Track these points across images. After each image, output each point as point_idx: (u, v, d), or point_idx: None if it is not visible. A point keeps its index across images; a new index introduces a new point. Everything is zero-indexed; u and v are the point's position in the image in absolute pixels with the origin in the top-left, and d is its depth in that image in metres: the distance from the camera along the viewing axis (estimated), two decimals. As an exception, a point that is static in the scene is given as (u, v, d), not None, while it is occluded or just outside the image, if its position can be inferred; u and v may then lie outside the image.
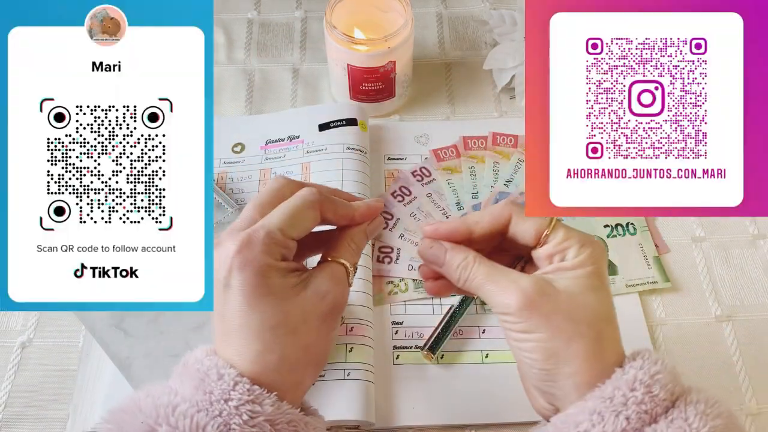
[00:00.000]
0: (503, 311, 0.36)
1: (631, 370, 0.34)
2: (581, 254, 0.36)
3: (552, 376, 0.35)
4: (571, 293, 0.36)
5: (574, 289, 0.36)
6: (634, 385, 0.33)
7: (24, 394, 0.52)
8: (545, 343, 0.35)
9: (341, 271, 0.38)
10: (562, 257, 0.37)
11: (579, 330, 0.35)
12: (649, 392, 0.33)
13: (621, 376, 0.34)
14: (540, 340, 0.35)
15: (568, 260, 0.37)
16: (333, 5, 0.63)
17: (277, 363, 0.35)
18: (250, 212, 0.38)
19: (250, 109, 0.69)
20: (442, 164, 0.64)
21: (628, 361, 0.35)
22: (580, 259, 0.36)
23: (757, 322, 0.55)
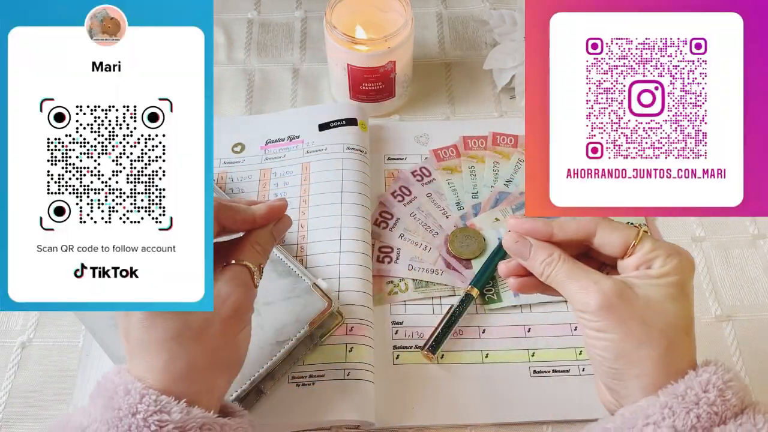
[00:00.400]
0: (582, 309, 0.37)
1: (705, 374, 0.35)
2: (667, 264, 0.37)
3: (620, 375, 0.37)
4: (649, 300, 0.36)
5: (653, 296, 0.37)
6: (707, 387, 0.35)
7: (24, 394, 0.52)
8: (617, 344, 0.36)
9: (244, 273, 0.39)
10: (648, 266, 0.38)
11: (651, 335, 0.36)
12: (721, 396, 0.34)
13: (694, 377, 0.35)
14: (612, 340, 0.36)
15: (653, 269, 0.37)
16: (333, 5, 0.63)
17: (184, 370, 0.36)
18: None
19: (250, 109, 0.69)
20: (442, 164, 0.64)
21: (702, 366, 0.36)
22: (665, 268, 0.37)
23: (757, 322, 0.55)
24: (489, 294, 0.56)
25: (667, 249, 0.38)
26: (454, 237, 0.59)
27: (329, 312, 0.49)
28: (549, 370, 0.52)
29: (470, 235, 0.59)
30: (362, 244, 0.56)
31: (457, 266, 0.57)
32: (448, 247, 0.58)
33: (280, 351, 0.47)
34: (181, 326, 0.36)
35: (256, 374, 0.47)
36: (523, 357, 0.52)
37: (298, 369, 0.50)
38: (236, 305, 0.38)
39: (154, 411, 0.34)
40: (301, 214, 0.58)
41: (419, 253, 0.58)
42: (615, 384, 0.38)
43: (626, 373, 0.36)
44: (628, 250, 0.38)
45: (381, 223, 0.60)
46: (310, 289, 0.50)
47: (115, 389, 0.35)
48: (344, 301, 0.53)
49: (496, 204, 0.61)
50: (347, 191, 0.58)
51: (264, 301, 0.50)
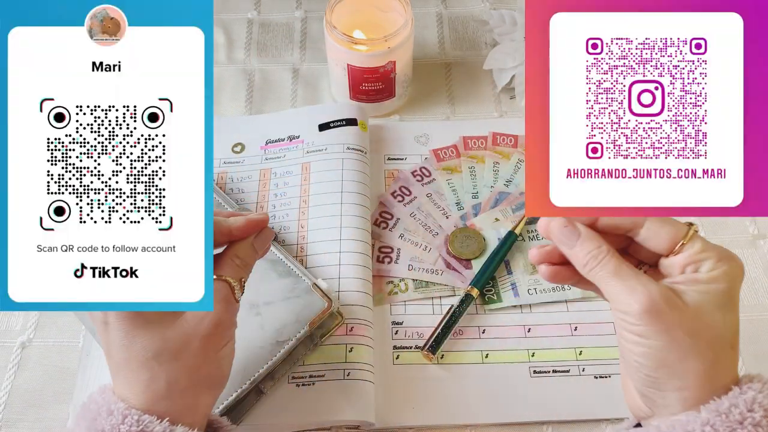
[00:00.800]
0: (624, 310, 0.35)
1: (750, 392, 0.33)
2: (717, 269, 0.35)
3: (658, 385, 0.35)
4: (698, 309, 0.34)
5: (702, 305, 0.34)
6: (753, 406, 0.33)
7: (24, 394, 0.52)
8: (659, 353, 0.34)
9: (223, 288, 0.38)
10: (696, 269, 0.35)
11: (698, 347, 0.34)
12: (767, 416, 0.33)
13: (739, 395, 0.33)
14: (655, 348, 0.34)
15: (702, 273, 0.35)
16: (333, 5, 0.63)
17: (165, 390, 0.36)
18: None
19: (250, 109, 0.69)
20: (442, 164, 0.64)
21: (745, 382, 0.34)
22: (715, 273, 0.35)
23: (757, 322, 0.55)
24: (489, 294, 0.56)
25: (718, 252, 0.35)
26: (454, 237, 0.59)
27: (329, 312, 0.49)
28: (549, 370, 0.52)
29: (470, 235, 0.59)
30: (362, 244, 0.56)
31: (457, 266, 0.57)
32: (448, 248, 0.58)
33: (280, 351, 0.47)
34: (160, 345, 0.36)
35: (256, 374, 0.47)
36: (523, 357, 0.52)
37: (298, 369, 0.50)
38: (216, 322, 0.37)
39: (136, 431, 0.34)
40: (301, 214, 0.58)
41: (419, 253, 0.58)
42: (651, 392, 0.35)
43: (666, 384, 0.34)
44: (675, 247, 0.36)
45: (381, 223, 0.60)
46: (310, 289, 0.50)
47: (99, 410, 0.35)
48: (344, 301, 0.53)
49: (496, 204, 0.61)
50: (347, 191, 0.58)
51: (264, 301, 0.50)
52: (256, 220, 0.41)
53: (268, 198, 0.60)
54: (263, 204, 0.60)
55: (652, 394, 0.35)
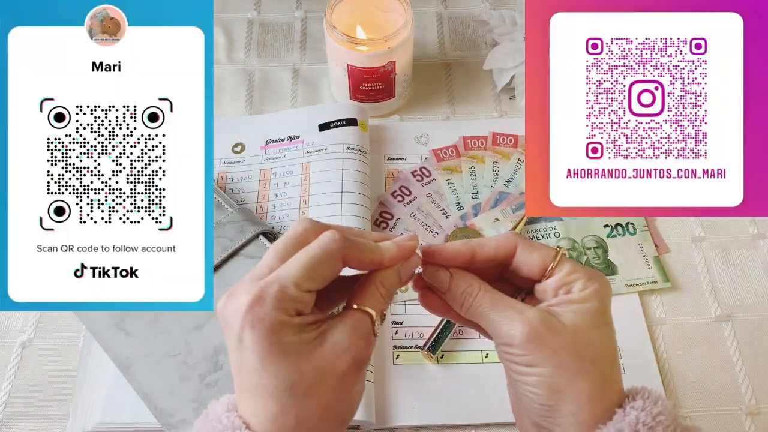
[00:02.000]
0: (507, 342, 0.35)
1: (633, 411, 0.34)
2: (587, 288, 0.35)
3: (553, 413, 0.34)
4: (577, 329, 0.34)
5: (580, 324, 0.35)
6: (637, 427, 0.33)
7: (24, 394, 0.52)
8: (549, 378, 0.34)
9: (365, 321, 0.35)
10: (568, 290, 0.36)
11: (584, 367, 0.34)
12: None
13: (623, 418, 0.33)
14: (544, 375, 0.34)
15: (574, 293, 0.35)
16: (333, 5, 0.63)
17: (294, 425, 0.33)
18: (270, 258, 0.35)
19: (250, 109, 0.69)
20: (442, 164, 0.64)
21: (629, 401, 0.34)
22: (586, 293, 0.35)
23: (757, 322, 0.55)
24: (489, 294, 0.55)
25: (587, 272, 0.36)
26: (454, 237, 0.59)
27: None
28: (549, 370, 0.52)
29: (470, 235, 0.59)
30: (362, 244, 0.56)
31: (457, 266, 0.57)
32: (448, 247, 0.58)
33: (280, 351, 0.47)
34: (296, 378, 0.32)
35: (256, 374, 0.47)
36: (523, 357, 0.52)
37: (298, 369, 0.50)
38: (355, 358, 0.34)
39: None
40: (301, 214, 0.58)
41: (419, 253, 0.58)
42: (548, 422, 0.35)
43: (560, 410, 0.34)
44: (546, 271, 0.36)
45: (381, 223, 0.60)
46: (310, 289, 0.50)
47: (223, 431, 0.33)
48: (344, 301, 0.53)
49: (496, 204, 0.61)
50: (347, 191, 0.58)
51: (264, 301, 0.50)
52: (406, 246, 0.38)
53: (268, 198, 0.60)
54: (263, 204, 0.60)
55: (548, 424, 0.35)
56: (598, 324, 0.35)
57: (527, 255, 0.37)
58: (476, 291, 0.36)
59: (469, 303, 0.37)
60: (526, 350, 0.34)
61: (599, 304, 0.35)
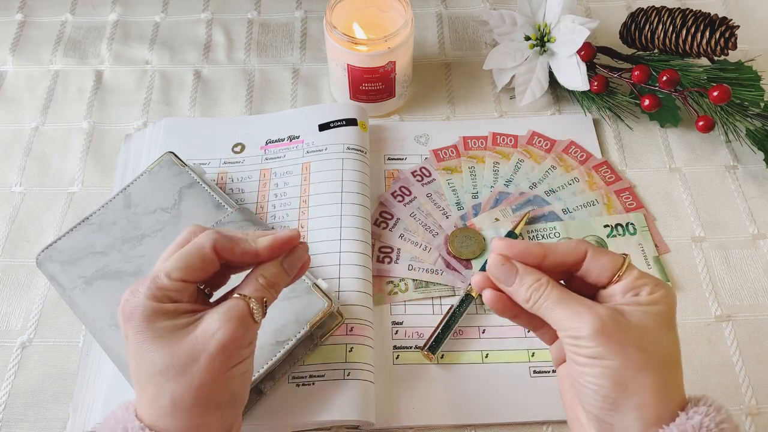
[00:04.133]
0: (575, 335, 0.35)
1: (696, 416, 0.34)
2: (656, 292, 0.36)
3: (616, 406, 0.35)
4: (644, 327, 0.35)
5: (647, 324, 0.35)
6: (700, 431, 0.33)
7: (24, 394, 0.52)
8: (616, 371, 0.34)
9: (239, 307, 0.37)
10: (636, 293, 0.36)
11: (650, 363, 0.34)
12: None
13: (686, 421, 0.34)
14: (610, 367, 0.34)
15: (642, 296, 0.36)
16: (333, 5, 0.63)
17: (170, 406, 0.35)
18: (157, 261, 0.38)
19: (250, 109, 0.69)
20: (442, 164, 0.64)
21: (692, 406, 0.35)
22: (655, 296, 0.36)
23: (757, 322, 0.55)
24: (489, 294, 0.55)
25: (654, 279, 0.37)
26: (454, 237, 0.59)
27: (329, 312, 0.49)
28: (549, 370, 0.52)
29: (470, 235, 0.59)
30: (362, 244, 0.56)
31: (457, 266, 0.57)
32: (448, 247, 0.58)
33: (280, 351, 0.47)
34: (168, 360, 0.35)
35: (256, 374, 0.47)
36: (523, 357, 0.52)
37: (298, 369, 0.50)
38: (225, 340, 0.35)
39: None
40: (301, 214, 0.58)
41: (419, 253, 0.58)
42: (609, 415, 0.35)
43: (624, 403, 0.34)
44: (614, 277, 0.37)
45: (381, 223, 0.60)
46: (310, 289, 0.50)
47: (115, 427, 0.35)
48: (344, 301, 0.53)
49: (496, 204, 0.61)
50: (347, 191, 0.58)
51: (264, 301, 0.50)
52: (282, 238, 0.39)
53: (268, 198, 0.60)
54: (263, 204, 0.60)
55: (609, 417, 0.35)
56: (664, 326, 0.36)
57: (597, 260, 0.37)
58: (544, 287, 0.37)
59: (536, 298, 0.37)
60: (595, 342, 0.34)
61: (666, 308, 0.36)
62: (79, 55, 0.74)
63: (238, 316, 0.36)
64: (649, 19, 0.67)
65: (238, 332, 0.36)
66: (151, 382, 0.35)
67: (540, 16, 0.67)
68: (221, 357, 0.35)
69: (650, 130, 0.67)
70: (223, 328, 0.35)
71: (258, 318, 0.37)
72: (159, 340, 0.35)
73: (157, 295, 0.36)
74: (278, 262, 0.40)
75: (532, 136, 0.66)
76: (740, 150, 0.65)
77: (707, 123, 0.62)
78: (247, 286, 0.38)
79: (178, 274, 0.36)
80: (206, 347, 0.35)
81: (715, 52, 0.65)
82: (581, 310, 0.35)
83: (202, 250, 0.37)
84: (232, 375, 0.36)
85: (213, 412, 0.36)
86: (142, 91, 0.71)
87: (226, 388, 0.36)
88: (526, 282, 0.37)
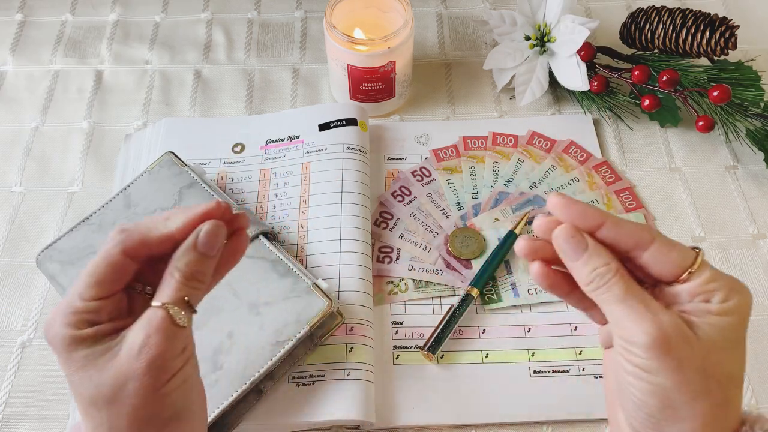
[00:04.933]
0: (629, 339, 0.31)
1: None
2: (729, 300, 0.32)
3: (660, 427, 0.32)
4: (712, 344, 0.31)
5: (715, 339, 0.31)
6: None
7: (24, 394, 0.52)
8: (667, 392, 0.31)
9: (158, 317, 0.33)
10: (706, 299, 0.32)
11: (708, 388, 0.31)
12: None
13: None
14: (662, 386, 0.31)
15: (713, 304, 0.32)
16: (333, 5, 0.63)
17: None
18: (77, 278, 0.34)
19: (250, 109, 0.69)
20: (442, 164, 0.64)
21: (745, 429, 0.32)
22: (727, 306, 0.31)
23: (757, 322, 0.55)
24: (489, 294, 0.56)
25: (729, 282, 0.32)
26: (454, 237, 0.59)
27: (329, 312, 0.49)
28: (549, 370, 0.52)
29: (470, 235, 0.59)
30: (362, 244, 0.56)
31: (457, 266, 0.57)
32: (448, 247, 0.58)
33: (280, 351, 0.47)
34: (93, 391, 0.32)
35: (256, 374, 0.47)
36: (523, 357, 0.52)
37: (298, 369, 0.50)
38: (150, 359, 0.32)
39: None
40: (301, 214, 0.58)
41: (419, 253, 0.58)
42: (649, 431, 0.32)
43: (669, 427, 0.31)
44: (682, 275, 0.32)
45: (381, 223, 0.60)
46: (310, 289, 0.50)
47: None
48: (344, 301, 0.53)
49: (496, 204, 0.61)
50: (347, 191, 0.58)
51: (264, 301, 0.50)
52: (198, 213, 0.34)
53: (268, 198, 0.60)
54: (263, 204, 0.60)
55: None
56: (733, 342, 0.32)
57: (665, 253, 0.32)
58: (612, 274, 0.32)
59: (600, 284, 0.32)
60: (650, 355, 0.30)
61: (739, 320, 0.32)
62: (79, 55, 0.74)
63: (160, 328, 0.32)
64: (649, 19, 0.67)
65: (162, 346, 0.32)
66: (87, 414, 0.33)
67: (540, 16, 0.67)
68: (149, 377, 0.32)
69: (650, 130, 0.67)
70: (146, 347, 0.32)
71: (183, 322, 0.33)
72: (83, 370, 0.32)
73: (73, 321, 0.32)
74: (191, 247, 0.34)
75: (532, 136, 0.66)
76: (740, 150, 0.65)
77: (707, 123, 0.62)
78: (163, 289, 0.34)
79: (90, 293, 0.33)
80: (131, 371, 0.32)
81: (715, 52, 0.65)
82: (643, 313, 0.31)
83: (110, 258, 0.33)
84: (169, 390, 0.33)
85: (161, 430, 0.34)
86: (142, 91, 0.71)
87: (165, 404, 0.33)
88: (593, 263, 0.32)
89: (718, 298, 0.32)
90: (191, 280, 0.34)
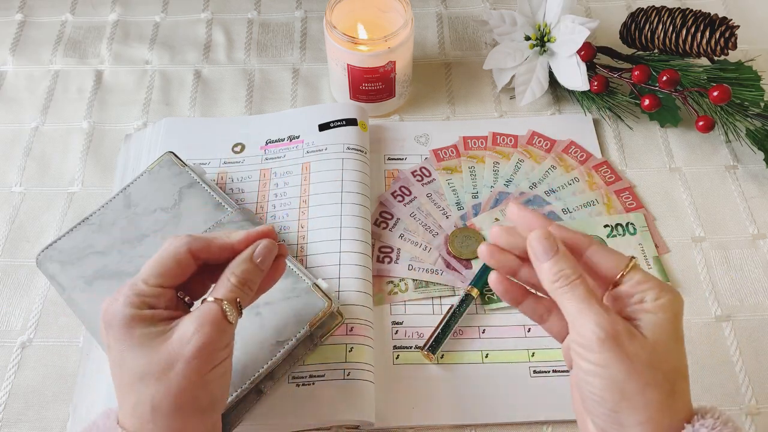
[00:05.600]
0: (584, 335, 0.34)
1: (703, 429, 0.34)
2: (661, 298, 0.35)
3: (619, 419, 0.34)
4: (655, 341, 0.34)
5: (658, 337, 0.35)
6: None
7: (24, 394, 0.52)
8: (620, 384, 0.34)
9: (212, 310, 0.37)
10: (641, 299, 0.36)
11: (656, 378, 0.34)
12: None
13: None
14: (614, 379, 0.34)
15: (647, 303, 0.35)
16: (333, 5, 0.63)
17: (150, 413, 0.35)
18: None
19: (250, 109, 0.69)
20: (442, 164, 0.64)
21: (698, 419, 0.34)
22: (660, 303, 0.35)
23: (757, 322, 0.55)
24: (489, 294, 0.56)
25: (659, 283, 0.36)
26: (454, 237, 0.59)
27: (329, 312, 0.49)
28: (549, 370, 0.52)
29: (470, 235, 0.59)
30: (362, 244, 0.56)
31: (457, 266, 0.57)
32: (448, 247, 0.58)
33: (280, 351, 0.47)
34: (145, 367, 0.35)
35: (256, 374, 0.47)
36: (523, 357, 0.52)
37: (298, 369, 0.50)
38: (200, 345, 0.36)
39: None
40: (301, 214, 0.58)
41: (419, 253, 0.58)
42: (613, 428, 0.35)
43: (628, 419, 0.34)
44: (616, 277, 0.36)
45: (381, 223, 0.60)
46: (310, 289, 0.50)
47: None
48: (344, 301, 0.53)
49: (496, 204, 0.61)
50: (347, 191, 0.58)
51: (264, 301, 0.50)
52: (256, 231, 0.40)
53: (268, 198, 0.60)
54: (263, 204, 0.60)
55: (614, 430, 0.35)
56: (672, 336, 0.35)
57: (601, 256, 0.37)
58: (576, 276, 0.36)
59: (563, 284, 0.36)
60: (602, 349, 0.34)
61: (673, 315, 0.35)
62: (79, 55, 0.74)
63: (212, 320, 0.37)
64: (649, 19, 0.67)
65: (212, 336, 0.36)
66: (132, 389, 0.36)
67: (540, 16, 0.67)
68: (197, 362, 0.36)
69: (650, 130, 0.67)
70: (198, 333, 0.36)
71: (232, 319, 0.38)
72: (137, 348, 0.36)
73: (135, 301, 0.36)
74: (248, 258, 0.40)
75: (532, 136, 0.66)
76: (740, 150, 0.65)
77: (707, 123, 0.62)
78: (219, 288, 0.39)
79: (155, 280, 0.37)
80: (182, 353, 0.35)
81: (715, 52, 0.65)
82: (598, 311, 0.34)
83: (177, 253, 0.38)
84: (211, 378, 0.37)
85: (193, 417, 0.36)
86: (142, 91, 0.71)
87: (206, 391, 0.37)
88: (561, 265, 0.36)
89: (651, 297, 0.35)
90: (244, 286, 0.39)
